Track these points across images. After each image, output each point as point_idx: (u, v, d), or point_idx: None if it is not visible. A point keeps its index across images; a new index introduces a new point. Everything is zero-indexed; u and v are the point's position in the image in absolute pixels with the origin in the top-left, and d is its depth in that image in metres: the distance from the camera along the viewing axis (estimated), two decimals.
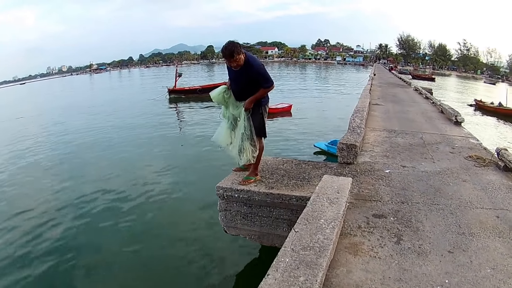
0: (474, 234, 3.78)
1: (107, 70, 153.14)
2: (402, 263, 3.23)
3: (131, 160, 13.82)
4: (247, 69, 4.62)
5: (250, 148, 4.82)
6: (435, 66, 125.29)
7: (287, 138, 15.75)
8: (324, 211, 3.59)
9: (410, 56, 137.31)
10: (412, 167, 6.02)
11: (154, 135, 17.92)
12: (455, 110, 10.81)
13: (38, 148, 16.55)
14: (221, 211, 5.25)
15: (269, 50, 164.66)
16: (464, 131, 9.20)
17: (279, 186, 4.98)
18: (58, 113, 28.52)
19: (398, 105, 13.96)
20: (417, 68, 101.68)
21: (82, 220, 8.57)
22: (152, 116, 23.54)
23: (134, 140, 17.01)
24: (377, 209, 4.34)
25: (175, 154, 14.32)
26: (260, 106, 4.91)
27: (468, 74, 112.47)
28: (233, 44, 4.48)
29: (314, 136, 15.59)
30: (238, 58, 4.50)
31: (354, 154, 6.08)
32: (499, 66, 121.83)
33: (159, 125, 20.61)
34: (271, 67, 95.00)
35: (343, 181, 4.38)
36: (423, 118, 11.02)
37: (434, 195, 4.81)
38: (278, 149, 13.64)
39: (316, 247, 2.96)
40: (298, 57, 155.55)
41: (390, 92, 19.69)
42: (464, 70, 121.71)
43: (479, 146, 7.64)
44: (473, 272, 3.11)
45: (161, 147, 15.59)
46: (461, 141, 8.04)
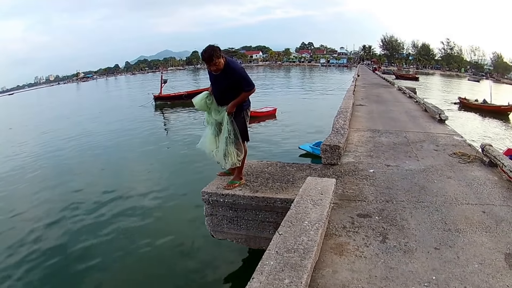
0: (460, 230, 3.79)
1: (93, 78, 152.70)
2: (388, 262, 3.23)
3: (117, 166, 13.84)
4: (227, 72, 4.63)
5: (235, 151, 4.82)
6: (418, 65, 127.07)
7: (272, 141, 15.77)
8: (308, 213, 3.58)
9: (393, 57, 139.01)
10: (396, 165, 6.05)
11: (140, 142, 17.85)
12: (438, 108, 10.91)
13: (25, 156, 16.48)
14: (207, 216, 5.23)
15: (253, 54, 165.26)
16: (448, 129, 9.28)
17: (264, 189, 4.98)
18: (46, 122, 28.48)
19: (381, 105, 14.04)
20: (401, 68, 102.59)
21: (69, 226, 8.56)
22: (138, 123, 23.44)
23: (121, 147, 17.03)
24: (362, 208, 4.34)
25: (161, 160, 14.28)
26: (242, 110, 4.92)
27: (452, 73, 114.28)
28: (212, 48, 4.46)
29: (299, 138, 15.60)
30: (218, 62, 4.49)
31: (338, 155, 6.09)
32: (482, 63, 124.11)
33: (146, 132, 20.58)
34: (256, 71, 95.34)
35: (327, 182, 4.38)
36: (407, 117, 11.10)
37: (419, 193, 4.83)
38: (263, 152, 13.64)
39: (300, 249, 2.95)
40: (283, 61, 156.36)
41: (373, 93, 19.79)
42: (448, 69, 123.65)
43: (463, 143, 7.71)
44: (460, 268, 3.13)
45: (147, 153, 15.56)
46: (445, 138, 8.11)
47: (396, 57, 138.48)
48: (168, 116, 26.79)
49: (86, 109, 35.94)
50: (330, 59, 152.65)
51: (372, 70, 63.11)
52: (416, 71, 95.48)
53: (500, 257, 3.29)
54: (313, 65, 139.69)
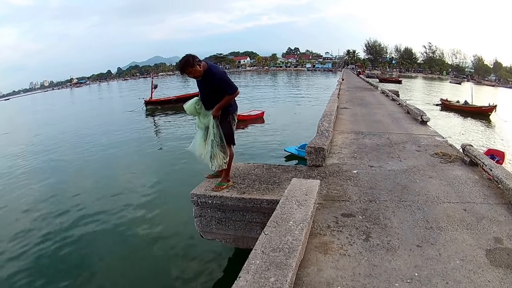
0: (442, 228, 3.88)
1: (87, 83, 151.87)
2: (372, 259, 3.29)
3: (108, 169, 13.83)
4: (208, 77, 4.73)
5: (221, 154, 4.90)
6: (401, 69, 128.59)
7: (259, 144, 15.82)
8: (293, 213, 3.64)
9: (377, 61, 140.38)
10: (379, 166, 6.15)
11: (131, 146, 17.83)
12: (420, 110, 11.08)
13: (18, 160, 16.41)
14: (196, 217, 5.29)
15: (241, 59, 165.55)
16: (430, 130, 9.44)
17: (251, 190, 5.05)
18: (39, 127, 28.32)
19: (365, 108, 14.21)
20: (384, 71, 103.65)
21: (61, 226, 8.61)
22: (129, 128, 23.38)
23: (112, 151, 16.96)
24: (346, 208, 4.41)
25: (151, 163, 14.29)
26: (228, 114, 5.00)
27: (434, 76, 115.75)
28: (186, 59, 4.60)
29: (285, 141, 15.69)
30: (192, 70, 4.62)
31: (322, 157, 6.18)
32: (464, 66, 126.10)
33: (136, 135, 20.55)
34: (243, 76, 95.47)
35: (311, 183, 4.45)
36: (390, 119, 11.24)
37: (401, 193, 4.92)
38: (250, 154, 13.70)
39: (285, 248, 3.00)
40: (270, 66, 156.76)
41: (357, 96, 19.98)
42: (430, 72, 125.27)
43: (445, 143, 7.86)
44: (442, 264, 3.20)
45: (138, 156, 15.60)
46: (427, 139, 8.25)
47: (379, 61, 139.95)
48: (158, 120, 26.69)
49: (79, 114, 35.87)
50: (315, 63, 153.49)
51: (356, 74, 63.71)
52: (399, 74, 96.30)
53: (481, 253, 3.37)
54: (299, 70, 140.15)
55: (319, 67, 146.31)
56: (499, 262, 3.22)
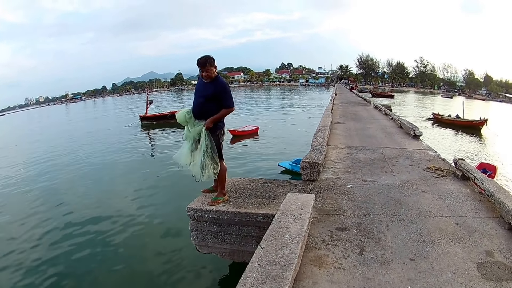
0: (435, 241, 3.92)
1: (82, 99, 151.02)
2: (366, 273, 3.33)
3: (105, 184, 13.90)
4: (215, 83, 4.94)
5: (212, 165, 4.97)
6: (394, 83, 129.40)
7: (254, 159, 15.91)
8: (289, 227, 3.69)
9: (369, 75, 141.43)
10: (373, 181, 6.21)
11: (127, 161, 17.93)
12: (413, 125, 11.19)
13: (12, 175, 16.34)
14: (193, 231, 5.33)
15: (235, 75, 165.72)
16: (422, 144, 9.51)
17: (246, 205, 5.10)
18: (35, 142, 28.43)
19: (358, 123, 14.32)
20: (377, 86, 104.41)
21: (56, 241, 8.60)
22: (125, 143, 23.45)
23: (108, 166, 17.09)
24: (340, 222, 4.45)
25: (148, 177, 14.28)
26: (217, 129, 5.11)
27: (426, 90, 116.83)
28: (208, 56, 4.89)
29: (280, 155, 15.77)
30: (210, 69, 4.85)
31: (317, 172, 6.24)
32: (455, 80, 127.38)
33: (132, 150, 20.59)
34: (237, 92, 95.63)
35: (307, 197, 4.50)
36: (383, 134, 11.34)
37: (394, 207, 4.97)
38: (245, 169, 13.76)
39: (281, 262, 3.05)
40: (263, 81, 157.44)
41: (351, 111, 20.13)
42: (422, 86, 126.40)
43: (437, 158, 7.93)
44: (435, 278, 3.24)
45: (134, 171, 15.65)
46: (419, 153, 8.32)
47: (372, 76, 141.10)
48: (154, 135, 26.74)
49: (75, 130, 35.69)
50: (308, 79, 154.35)
51: (349, 89, 64.20)
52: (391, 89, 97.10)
53: (473, 266, 3.41)
54: (292, 85, 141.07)
55: (312, 82, 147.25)
56: (490, 275, 3.26)
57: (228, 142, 19.59)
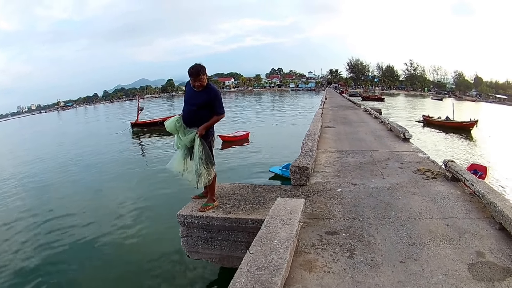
0: (425, 244, 3.93)
1: (73, 107, 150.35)
2: (356, 276, 3.32)
3: (95, 191, 13.82)
4: (207, 91, 4.94)
5: (206, 171, 4.97)
6: (384, 87, 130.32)
7: (244, 164, 15.89)
8: (278, 232, 3.68)
9: (359, 79, 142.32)
10: (362, 184, 6.22)
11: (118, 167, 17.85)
12: (402, 127, 11.24)
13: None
14: (183, 237, 5.32)
15: (226, 80, 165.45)
16: (412, 147, 9.56)
17: (236, 210, 5.10)
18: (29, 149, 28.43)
19: (348, 127, 14.36)
20: (367, 90, 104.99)
21: (46, 247, 8.58)
22: (116, 149, 23.38)
23: (100, 173, 16.97)
24: (330, 226, 4.46)
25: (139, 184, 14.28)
26: (209, 135, 5.12)
27: (416, 92, 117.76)
28: (200, 65, 4.86)
29: (270, 161, 15.75)
30: (203, 78, 4.84)
31: (307, 176, 6.25)
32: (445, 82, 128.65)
33: (123, 157, 20.56)
34: (228, 97, 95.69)
35: (296, 202, 4.49)
36: (373, 137, 11.38)
37: (384, 210, 4.98)
38: (236, 175, 13.72)
39: (270, 267, 3.04)
40: (254, 86, 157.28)
41: (341, 115, 20.21)
42: (412, 89, 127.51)
43: (427, 160, 7.96)
44: (425, 280, 3.24)
45: (125, 178, 15.65)
46: (409, 156, 8.36)
47: (362, 80, 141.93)
48: (144, 142, 26.70)
49: (66, 137, 35.77)
50: (299, 83, 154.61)
51: (339, 93, 64.32)
52: (381, 92, 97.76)
53: (464, 267, 3.42)
54: (283, 90, 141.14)
55: (303, 86, 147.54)
56: (481, 276, 3.27)
57: (218, 147, 19.56)
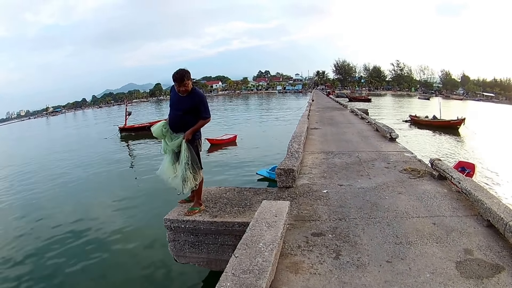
0: (412, 243, 3.94)
1: (62, 112, 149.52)
2: (342, 277, 3.32)
3: (83, 196, 13.66)
4: (192, 95, 4.93)
5: (192, 176, 4.96)
6: (370, 87, 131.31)
7: (232, 168, 15.81)
8: (263, 235, 3.67)
9: (346, 80, 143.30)
10: (349, 185, 6.24)
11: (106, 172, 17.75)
12: (389, 127, 11.31)
13: None
14: (170, 242, 5.31)
15: (213, 84, 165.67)
16: (398, 146, 9.63)
17: (222, 214, 5.10)
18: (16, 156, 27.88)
19: (335, 128, 14.43)
20: (354, 91, 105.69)
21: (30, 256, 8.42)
22: (104, 155, 23.19)
23: (88, 178, 16.79)
24: (316, 228, 4.45)
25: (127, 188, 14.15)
26: (195, 139, 5.11)
27: (403, 92, 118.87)
28: (184, 70, 4.83)
29: (258, 163, 15.74)
30: (187, 83, 4.83)
31: (292, 178, 6.25)
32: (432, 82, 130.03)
33: (111, 162, 20.34)
34: (216, 101, 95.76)
35: (281, 205, 4.49)
36: (359, 137, 11.45)
37: (370, 210, 5.00)
38: (223, 178, 13.65)
39: (255, 270, 3.03)
40: (241, 89, 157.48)
41: (327, 116, 20.32)
42: (399, 89, 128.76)
43: (413, 159, 8.03)
44: (412, 279, 3.24)
45: (113, 182, 15.59)
46: (396, 156, 8.42)
47: (349, 81, 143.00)
48: (132, 147, 26.56)
49: (55, 142, 35.67)
50: (286, 86, 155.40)
51: (326, 94, 64.73)
52: (368, 92, 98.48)
53: (451, 265, 3.43)
54: (270, 93, 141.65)
55: (290, 89, 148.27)
56: (470, 274, 3.28)
57: (206, 150, 19.55)
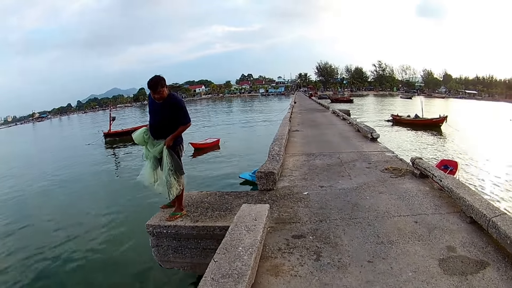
0: (393, 242, 3.96)
1: (48, 118, 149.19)
2: (323, 278, 3.32)
3: (68, 202, 13.59)
4: (170, 102, 4.87)
5: (177, 181, 4.94)
6: (353, 88, 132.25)
7: (215, 172, 15.77)
8: (242, 239, 3.66)
9: (329, 82, 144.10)
10: (329, 186, 6.26)
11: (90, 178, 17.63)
12: (370, 128, 11.41)
13: None
14: (154, 247, 5.27)
15: (197, 88, 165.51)
16: (380, 146, 9.72)
17: (204, 218, 5.06)
18: None
19: (316, 129, 14.52)
20: (336, 92, 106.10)
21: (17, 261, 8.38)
22: (89, 160, 23.04)
23: (71, 184, 16.67)
24: (297, 230, 4.45)
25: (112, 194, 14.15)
26: (177, 145, 5.07)
27: (385, 92, 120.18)
28: (158, 77, 4.75)
29: (241, 166, 15.73)
30: (162, 90, 4.75)
31: (273, 181, 6.26)
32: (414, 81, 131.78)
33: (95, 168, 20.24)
34: (200, 105, 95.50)
35: (261, 208, 4.49)
36: (340, 138, 11.53)
37: (351, 210, 5.01)
38: (206, 183, 13.65)
39: (234, 274, 3.01)
40: (224, 93, 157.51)
41: (309, 118, 20.43)
42: (381, 89, 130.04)
43: (395, 158, 8.11)
44: (394, 278, 3.26)
45: (96, 188, 15.54)
46: (377, 155, 8.49)
47: (331, 82, 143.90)
48: (117, 152, 26.43)
49: (40, 149, 35.62)
50: (268, 88, 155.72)
51: (309, 96, 64.96)
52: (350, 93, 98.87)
53: (434, 263, 3.46)
54: (253, 96, 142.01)
55: (272, 91, 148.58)
56: (453, 270, 3.31)
57: (189, 155, 19.52)
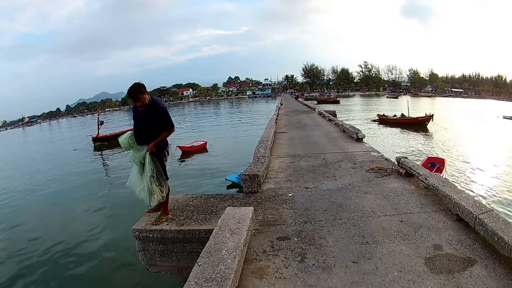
0: (379, 242, 3.97)
1: (37, 122, 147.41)
2: (307, 280, 3.32)
3: (54, 207, 13.45)
4: (152, 109, 4.86)
5: (159, 189, 4.91)
6: (339, 89, 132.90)
7: (202, 175, 15.76)
8: (226, 242, 3.65)
9: (315, 83, 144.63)
10: (314, 187, 6.27)
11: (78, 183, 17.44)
12: (355, 128, 11.47)
13: None
14: (140, 251, 5.24)
15: (184, 91, 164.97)
16: (365, 146, 9.78)
17: (189, 222, 5.05)
18: None
19: (302, 131, 14.55)
20: (323, 93, 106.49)
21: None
22: (77, 165, 22.75)
23: (59, 189, 16.52)
24: (281, 232, 4.44)
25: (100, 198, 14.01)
26: (160, 151, 5.06)
27: (371, 92, 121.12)
28: (138, 85, 4.73)
29: (228, 169, 15.68)
30: (143, 97, 4.75)
31: (258, 183, 6.25)
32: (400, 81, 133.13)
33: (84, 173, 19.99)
34: (187, 108, 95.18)
35: (245, 211, 4.48)
36: (326, 139, 11.57)
37: (336, 211, 5.02)
38: (193, 186, 13.62)
39: (218, 278, 3.00)
40: (212, 96, 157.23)
41: (295, 119, 20.47)
42: (367, 89, 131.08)
43: (380, 158, 8.16)
44: (380, 278, 3.26)
45: (85, 193, 15.29)
46: (362, 156, 8.54)
47: (317, 84, 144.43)
48: (105, 156, 26.24)
49: (29, 153, 35.01)
50: (255, 91, 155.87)
51: (295, 98, 65.04)
52: (337, 94, 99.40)
53: (420, 262, 3.47)
54: (240, 98, 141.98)
55: (259, 93, 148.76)
56: (440, 269, 3.32)
57: (177, 158, 19.55)
